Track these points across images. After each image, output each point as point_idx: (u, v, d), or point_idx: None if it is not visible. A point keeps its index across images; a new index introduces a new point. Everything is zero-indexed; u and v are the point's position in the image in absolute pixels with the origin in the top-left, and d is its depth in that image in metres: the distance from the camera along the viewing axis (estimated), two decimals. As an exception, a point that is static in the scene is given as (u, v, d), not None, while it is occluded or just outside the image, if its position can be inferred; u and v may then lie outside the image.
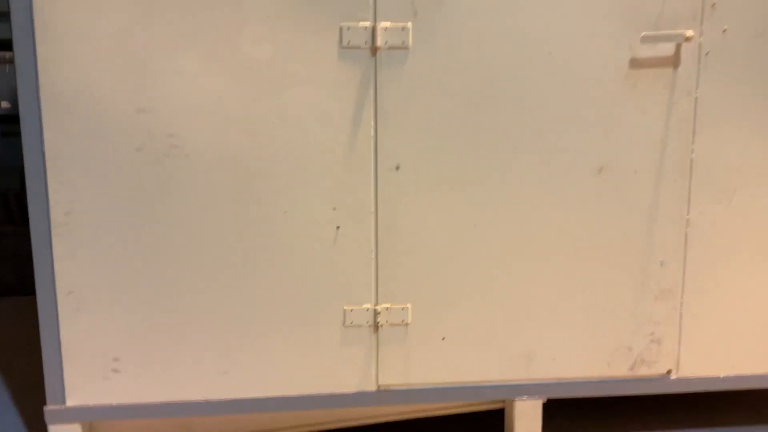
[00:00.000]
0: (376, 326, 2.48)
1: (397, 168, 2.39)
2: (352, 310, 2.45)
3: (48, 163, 2.26)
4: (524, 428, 2.61)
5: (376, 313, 2.46)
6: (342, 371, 2.49)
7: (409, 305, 2.48)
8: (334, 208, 2.39)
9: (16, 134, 2.93)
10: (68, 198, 2.29)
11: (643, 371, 2.61)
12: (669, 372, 2.62)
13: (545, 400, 2.62)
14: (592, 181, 2.47)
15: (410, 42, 2.32)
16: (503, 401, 2.70)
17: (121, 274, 2.34)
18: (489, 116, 2.39)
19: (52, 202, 2.28)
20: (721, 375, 2.64)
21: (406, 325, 2.49)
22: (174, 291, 2.37)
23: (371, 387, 2.51)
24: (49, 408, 2.40)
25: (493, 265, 2.48)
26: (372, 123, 2.36)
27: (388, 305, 2.47)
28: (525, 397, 2.59)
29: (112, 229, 2.32)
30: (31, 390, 3.14)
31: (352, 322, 2.46)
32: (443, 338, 2.51)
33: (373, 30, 2.30)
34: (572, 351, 2.57)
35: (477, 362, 2.54)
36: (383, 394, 2.52)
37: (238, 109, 2.29)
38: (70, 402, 2.40)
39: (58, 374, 2.38)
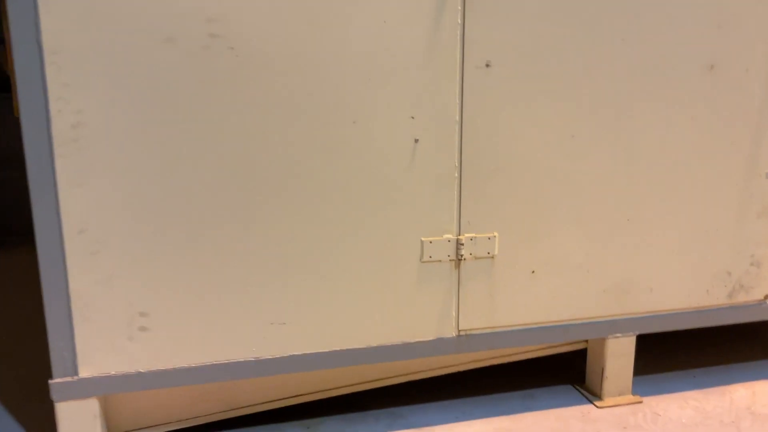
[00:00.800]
0: (458, 260, 2.06)
1: (488, 65, 1.96)
2: (431, 242, 2.03)
3: (47, 59, 1.68)
4: (616, 368, 2.29)
5: (458, 245, 2.05)
6: (418, 316, 2.07)
7: (495, 234, 2.07)
8: (413, 117, 1.94)
9: None
10: (76, 106, 1.72)
11: (741, 298, 2.33)
12: (766, 297, 2.36)
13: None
14: (701, 79, 2.12)
15: None
16: (586, 341, 2.37)
17: (149, 207, 1.81)
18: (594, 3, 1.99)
19: (53, 111, 1.71)
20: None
21: (492, 257, 2.09)
22: (217, 227, 1.87)
23: (451, 333, 2.11)
24: (56, 382, 1.86)
25: (589, 185, 2.11)
26: (459, 7, 1.90)
27: (473, 235, 2.05)
28: (618, 335, 2.26)
29: (134, 147, 1.77)
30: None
31: (430, 257, 2.03)
32: (533, 272, 2.13)
33: None
34: (670, 279, 2.25)
35: (568, 298, 2.18)
36: (464, 340, 2.13)
37: (295, -12, 1.79)
38: (85, 372, 1.87)
39: (67, 337, 1.84)
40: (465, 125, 1.97)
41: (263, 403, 2.14)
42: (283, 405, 2.16)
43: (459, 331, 2.11)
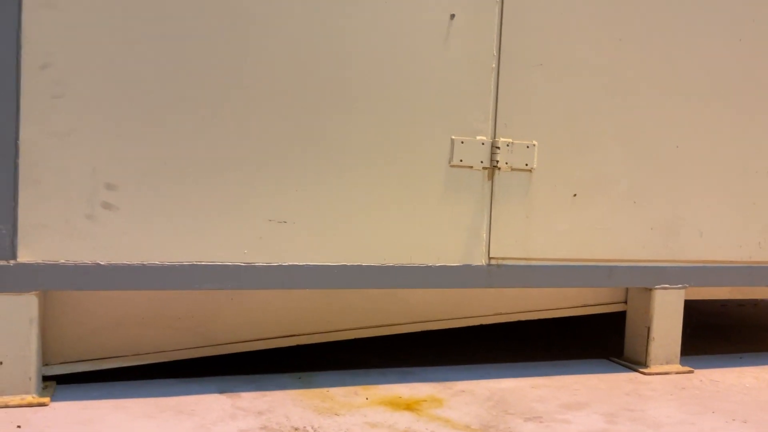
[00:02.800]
0: (492, 169, 1.75)
1: (531, -56, 1.74)
2: (462, 142, 1.71)
3: None
4: (665, 327, 1.94)
5: (494, 149, 1.74)
6: (442, 234, 1.71)
7: (535, 143, 1.78)
8: (449, -12, 1.69)
9: None
10: None
11: (795, 257, 2.06)
12: (821, 260, 2.09)
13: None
14: (750, -1, 1.96)
15: None
16: (624, 302, 2.03)
17: (129, 43, 1.47)
18: None
19: None
20: None
21: (530, 171, 1.78)
22: (212, 85, 1.52)
23: (480, 260, 1.75)
24: (-15, 263, 1.41)
25: (635, 97, 1.86)
26: None
27: (510, 140, 1.75)
28: (667, 285, 1.94)
29: (122, -28, 1.46)
30: None
31: (461, 161, 1.71)
32: (574, 195, 1.82)
33: None
34: (720, 224, 1.97)
35: (612, 232, 1.86)
36: (495, 271, 1.76)
37: None
38: (25, 255, 1.43)
39: (8, 204, 1.41)
40: (506, 7, 1.72)
41: (246, 341, 1.71)
42: (270, 346, 1.73)
43: (490, 258, 1.76)
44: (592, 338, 2.29)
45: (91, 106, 1.45)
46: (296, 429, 1.39)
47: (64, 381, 1.57)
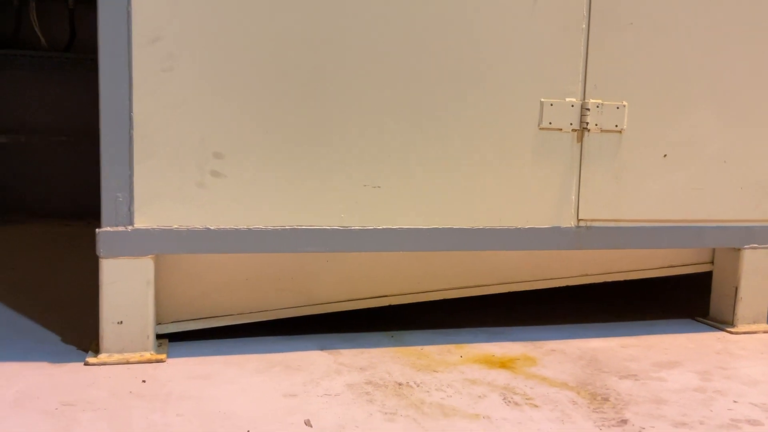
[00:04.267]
0: (582, 131, 1.75)
1: None
2: (552, 105, 1.72)
3: None
4: (753, 286, 1.93)
5: (583, 111, 1.75)
6: (532, 197, 1.74)
7: (625, 104, 1.77)
8: (539, -50, 1.68)
9: None
10: None
11: None
12: None
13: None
14: None
15: None
16: (710, 263, 2.03)
17: (239, 17, 1.52)
18: None
19: None
20: None
21: (620, 132, 1.78)
22: (317, 62, 1.57)
23: (569, 221, 1.78)
24: (105, 231, 1.50)
25: (729, 58, 1.83)
26: None
27: (600, 101, 1.75)
28: (755, 245, 1.93)
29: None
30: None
31: (550, 123, 1.73)
32: (665, 155, 1.82)
33: None
34: (813, 184, 1.94)
35: (702, 193, 1.85)
36: (584, 233, 1.79)
37: None
38: (142, 222, 1.52)
39: (124, 174, 1.50)
40: (596, -33, 1.71)
41: (343, 301, 1.78)
42: (365, 306, 1.79)
43: (579, 220, 1.78)
44: (676, 298, 2.29)
45: (199, 78, 1.51)
46: (400, 384, 1.46)
47: (176, 339, 1.67)
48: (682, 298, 2.28)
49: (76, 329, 1.74)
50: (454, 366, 1.58)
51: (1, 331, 1.74)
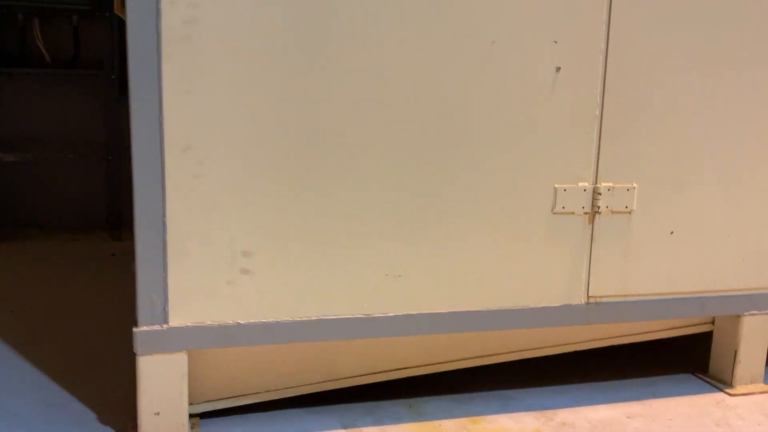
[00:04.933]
0: (593, 213, 1.82)
1: None
2: (565, 190, 1.79)
3: None
4: (750, 350, 2.03)
5: (595, 195, 1.81)
6: (544, 278, 1.81)
7: (635, 185, 1.84)
8: (555, 42, 1.72)
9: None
10: (191, -1, 1.49)
11: None
12: None
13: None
14: None
15: None
16: (711, 323, 2.12)
17: (263, 126, 1.57)
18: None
19: (164, 1, 1.47)
20: None
21: (630, 213, 1.85)
22: (335, 160, 1.62)
23: (580, 299, 1.86)
24: (142, 330, 1.57)
25: (736, 137, 1.89)
26: (611, -75, 1.71)
27: (611, 184, 1.82)
28: (755, 312, 2.02)
29: (252, 49, 1.54)
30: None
31: (563, 207, 1.79)
32: (671, 232, 1.89)
33: None
34: (812, 252, 2.02)
35: (706, 265, 1.93)
36: (593, 309, 1.87)
37: None
38: (176, 320, 1.59)
39: (159, 276, 1.56)
40: (610, 55, 1.76)
41: (363, 375, 1.86)
42: (384, 379, 1.88)
43: (589, 297, 1.86)
44: (675, 350, 2.36)
45: (227, 183, 1.56)
46: (423, 475, 1.55)
47: (206, 415, 1.75)
48: (680, 351, 2.35)
49: (109, 404, 1.81)
50: (471, 448, 1.68)
51: (31, 400, 1.81)
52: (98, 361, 2.08)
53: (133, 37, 1.47)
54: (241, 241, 1.60)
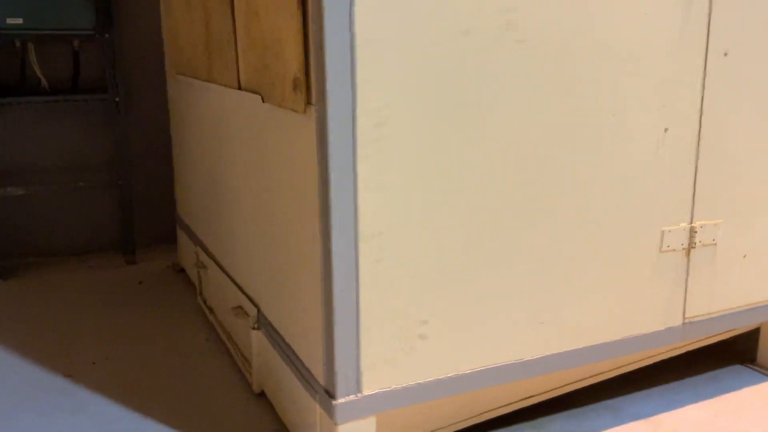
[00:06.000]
0: (689, 248, 2.09)
1: (725, 54, 2.00)
2: (669, 231, 2.04)
3: (359, 51, 1.55)
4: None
5: (692, 233, 2.07)
6: (650, 308, 2.07)
7: (721, 221, 2.12)
8: (663, 106, 1.94)
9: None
10: (380, 102, 1.60)
11: None
12: None
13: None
14: None
15: None
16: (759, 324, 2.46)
17: (432, 209, 1.71)
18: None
19: (360, 111, 1.57)
20: None
21: (715, 244, 2.13)
22: (493, 233, 1.79)
23: (678, 321, 2.13)
24: (341, 402, 1.71)
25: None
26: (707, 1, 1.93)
27: (703, 222, 2.09)
28: (806, 313, 2.37)
29: (426, 145, 1.67)
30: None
31: (668, 246, 2.05)
32: (744, 256, 2.19)
33: None
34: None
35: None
36: (688, 328, 2.15)
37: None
38: (367, 389, 1.74)
39: (353, 352, 1.70)
40: (704, 113, 2.00)
41: (498, 408, 2.07)
42: (517, 408, 2.10)
43: (685, 319, 2.14)
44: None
45: (405, 264, 1.71)
46: (592, 499, 1.80)
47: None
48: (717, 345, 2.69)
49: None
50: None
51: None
52: (220, 403, 2.18)
53: (333, 141, 1.56)
54: (418, 312, 1.75)
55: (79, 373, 2.46)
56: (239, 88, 2.13)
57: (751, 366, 2.50)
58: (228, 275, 2.53)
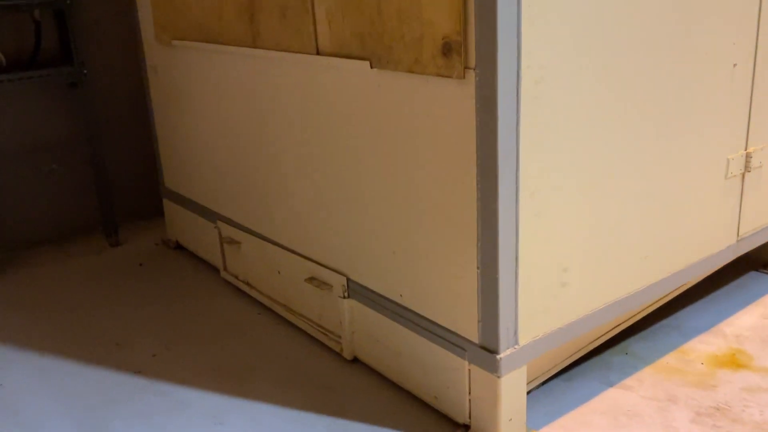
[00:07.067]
0: (744, 173, 2.29)
1: (774, -7, 2.17)
2: (732, 159, 2.22)
3: (524, 10, 1.55)
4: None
5: (747, 159, 2.27)
6: (714, 230, 2.26)
7: (763, 146, 2.33)
8: (734, 44, 2.09)
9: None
10: (541, 59, 1.61)
11: None
12: None
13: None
14: None
15: None
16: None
17: (581, 159, 1.77)
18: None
19: (524, 66, 1.58)
20: None
21: (761, 167, 2.34)
22: (620, 180, 1.88)
23: (733, 240, 2.35)
24: (504, 356, 1.76)
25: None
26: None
27: (755, 148, 2.29)
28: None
29: (579, 100, 1.72)
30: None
31: (731, 173, 2.23)
32: (780, 174, 2.44)
33: None
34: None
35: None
36: (740, 244, 2.38)
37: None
38: (523, 339, 1.80)
39: (512, 306, 1.75)
40: (758, 54, 2.17)
41: (595, 340, 2.21)
42: (606, 338, 2.24)
43: (738, 236, 2.36)
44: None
45: (558, 217, 1.76)
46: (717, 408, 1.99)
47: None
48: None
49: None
50: (713, 375, 2.13)
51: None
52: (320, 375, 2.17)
53: (501, 104, 1.57)
54: (563, 261, 1.82)
55: (147, 368, 2.33)
56: (317, 53, 2.04)
57: (764, 271, 2.80)
58: (287, 248, 2.46)
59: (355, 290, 2.19)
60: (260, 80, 2.36)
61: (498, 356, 1.76)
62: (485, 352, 1.78)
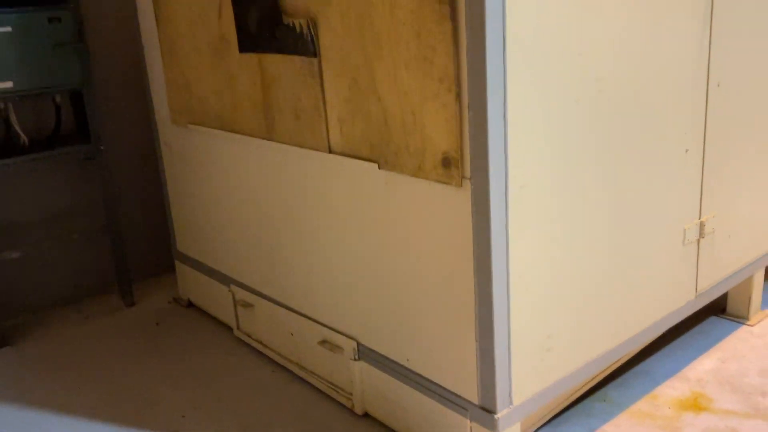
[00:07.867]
0: (699, 239, 2.63)
1: (718, 85, 2.52)
2: (688, 228, 2.56)
3: (510, 130, 1.87)
4: (757, 292, 3.06)
5: (702, 226, 2.61)
6: (673, 291, 2.60)
7: (716, 213, 2.67)
8: (686, 133, 2.44)
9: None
10: (524, 169, 1.93)
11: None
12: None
13: None
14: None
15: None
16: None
17: (560, 246, 2.10)
18: None
19: (510, 176, 1.90)
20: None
21: (713, 232, 2.69)
22: (595, 259, 2.21)
23: (692, 296, 2.69)
24: (501, 416, 2.06)
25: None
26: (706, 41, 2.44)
27: (707, 217, 2.63)
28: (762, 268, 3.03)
29: (557, 199, 2.05)
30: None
31: (688, 239, 2.57)
32: (729, 236, 2.78)
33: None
34: (783, 222, 3.06)
35: (742, 249, 2.88)
36: (698, 298, 2.72)
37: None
38: (517, 399, 2.10)
39: (506, 373, 2.05)
40: (707, 129, 2.53)
41: (578, 390, 2.52)
42: (587, 388, 2.56)
43: (697, 293, 2.70)
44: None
45: (539, 292, 2.08)
46: (678, 449, 2.30)
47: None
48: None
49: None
50: (678, 419, 2.45)
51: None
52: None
53: (494, 208, 1.89)
54: (546, 330, 2.14)
55: (182, 428, 2.59)
56: (329, 151, 2.34)
57: (723, 316, 3.14)
58: (299, 313, 2.74)
59: (365, 353, 2.48)
60: (274, 168, 2.65)
61: (496, 416, 2.06)
62: (484, 412, 2.09)
